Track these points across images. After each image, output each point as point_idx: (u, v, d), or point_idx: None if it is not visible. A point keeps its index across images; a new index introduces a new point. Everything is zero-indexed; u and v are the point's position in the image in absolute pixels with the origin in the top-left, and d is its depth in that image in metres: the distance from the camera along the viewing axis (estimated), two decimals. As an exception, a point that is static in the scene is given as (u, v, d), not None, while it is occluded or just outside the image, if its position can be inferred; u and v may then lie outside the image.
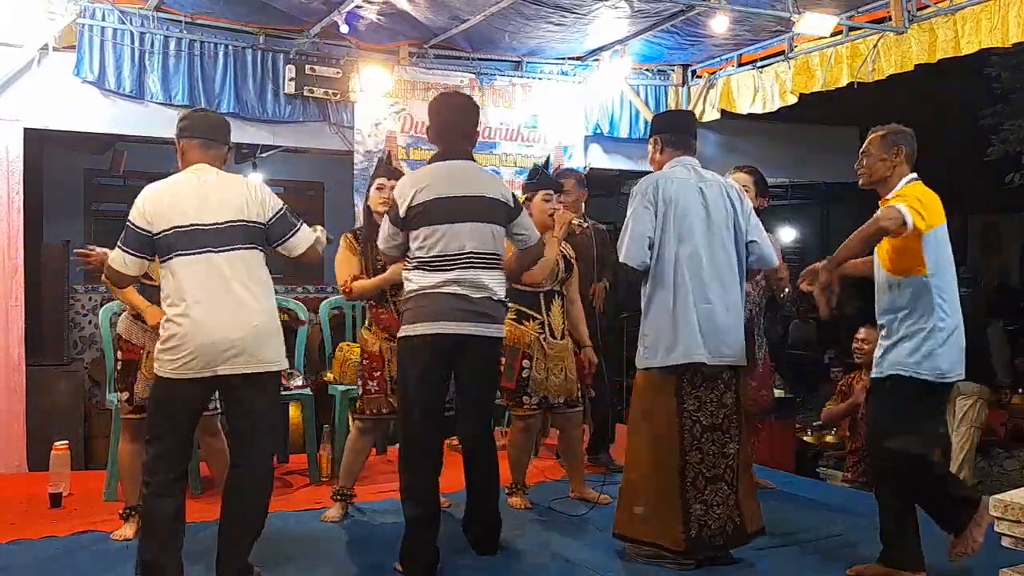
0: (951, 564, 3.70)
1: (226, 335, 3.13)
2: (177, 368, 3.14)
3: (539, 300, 4.38)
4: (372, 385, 4.20)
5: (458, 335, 3.51)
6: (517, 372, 4.32)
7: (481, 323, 3.55)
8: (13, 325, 5.62)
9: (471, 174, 3.66)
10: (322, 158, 8.03)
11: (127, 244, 3.23)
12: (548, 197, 4.42)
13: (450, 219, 3.53)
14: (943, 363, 3.37)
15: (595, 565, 3.73)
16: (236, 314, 3.16)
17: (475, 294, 3.53)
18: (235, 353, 3.15)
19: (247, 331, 3.17)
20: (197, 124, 3.41)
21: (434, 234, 3.52)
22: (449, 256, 3.52)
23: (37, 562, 3.76)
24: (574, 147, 7.24)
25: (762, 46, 6.70)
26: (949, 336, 3.39)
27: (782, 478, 5.25)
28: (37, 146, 6.70)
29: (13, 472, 5.47)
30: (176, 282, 3.17)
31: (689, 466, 3.59)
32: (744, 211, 3.77)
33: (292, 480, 5.20)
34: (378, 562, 3.74)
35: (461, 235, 3.53)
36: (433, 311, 3.51)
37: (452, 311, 3.50)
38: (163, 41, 5.91)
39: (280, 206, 3.35)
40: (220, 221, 3.20)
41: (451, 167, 3.64)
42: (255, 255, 3.27)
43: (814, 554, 3.91)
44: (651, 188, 3.65)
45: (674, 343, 3.59)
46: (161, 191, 3.24)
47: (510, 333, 4.31)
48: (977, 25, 5.18)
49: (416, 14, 5.84)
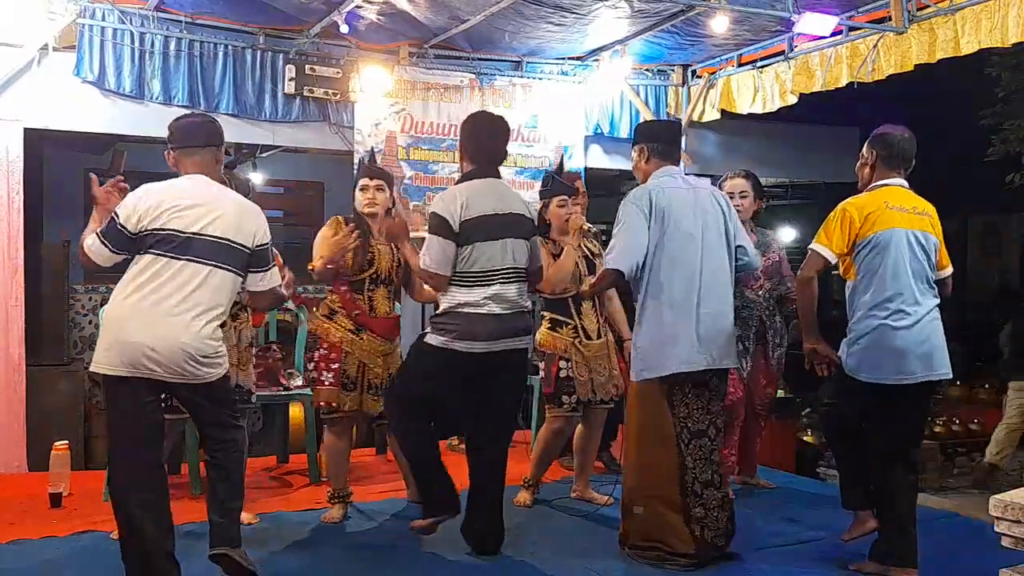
0: (950, 564, 3.71)
1: (144, 342, 3.06)
2: (101, 359, 3.12)
3: (569, 305, 4.43)
4: (328, 376, 4.18)
5: (489, 351, 3.66)
6: (554, 375, 4.38)
7: (511, 338, 3.72)
8: (13, 325, 5.62)
9: (505, 192, 3.84)
10: (322, 158, 8.03)
11: (106, 237, 3.19)
12: (563, 203, 4.45)
13: (493, 236, 3.67)
14: (851, 361, 3.57)
15: (596, 565, 3.73)
16: (166, 326, 3.08)
17: (508, 310, 3.70)
18: (157, 361, 3.07)
19: (170, 346, 3.08)
20: (173, 133, 3.37)
21: (478, 250, 3.64)
22: (489, 272, 3.66)
23: (37, 562, 3.76)
24: (574, 147, 7.23)
25: (762, 46, 6.70)
26: (860, 338, 3.54)
27: (782, 478, 5.25)
28: (37, 146, 6.70)
29: (13, 472, 5.47)
30: (139, 273, 3.13)
31: (687, 471, 3.62)
32: (732, 217, 3.82)
33: (292, 480, 5.21)
34: (378, 562, 3.74)
35: (502, 251, 3.68)
36: (469, 330, 3.63)
37: (488, 331, 3.64)
38: (163, 41, 5.91)
39: (267, 240, 3.34)
40: (207, 234, 3.17)
41: (490, 184, 3.78)
42: (232, 279, 3.23)
43: (814, 554, 3.92)
44: (645, 199, 3.66)
45: (671, 353, 3.60)
46: (157, 192, 3.21)
47: (546, 340, 4.44)
48: (977, 25, 5.18)
49: (416, 14, 5.84)
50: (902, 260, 3.51)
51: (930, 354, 3.54)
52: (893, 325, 3.49)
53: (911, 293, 3.52)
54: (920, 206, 3.62)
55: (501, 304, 3.67)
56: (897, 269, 3.51)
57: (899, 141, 3.63)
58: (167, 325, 3.08)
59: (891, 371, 3.50)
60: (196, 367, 3.12)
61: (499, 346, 3.68)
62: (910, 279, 3.52)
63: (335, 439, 4.27)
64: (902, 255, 3.51)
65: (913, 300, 3.52)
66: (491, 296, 3.65)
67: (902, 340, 3.49)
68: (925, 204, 3.64)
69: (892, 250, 3.51)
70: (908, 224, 3.54)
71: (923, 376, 3.53)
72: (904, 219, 3.54)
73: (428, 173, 6.74)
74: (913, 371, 3.51)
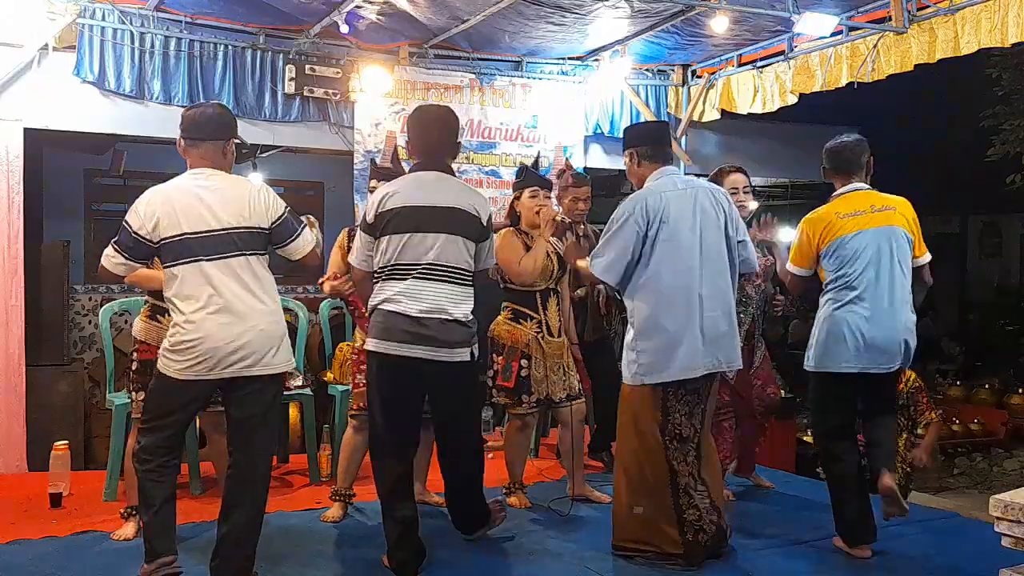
0: (950, 564, 3.71)
1: (233, 341, 3.16)
2: (183, 370, 3.17)
3: (535, 299, 4.37)
4: (360, 379, 4.22)
5: (410, 358, 3.46)
6: (515, 372, 4.32)
7: (430, 347, 3.46)
8: (13, 325, 5.61)
9: (446, 187, 3.60)
10: (322, 158, 8.03)
11: (122, 247, 3.22)
12: (534, 193, 4.39)
13: (412, 228, 3.48)
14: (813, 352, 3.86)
15: (594, 565, 3.73)
16: (243, 319, 3.18)
17: (428, 314, 3.46)
18: (241, 357, 3.17)
19: (253, 335, 3.19)
20: (183, 122, 3.38)
21: (395, 242, 3.48)
22: (401, 266, 3.48)
23: (37, 562, 3.75)
24: (574, 147, 7.24)
25: (762, 46, 6.70)
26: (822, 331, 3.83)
27: (782, 478, 5.24)
28: (37, 146, 6.70)
29: (13, 472, 5.46)
30: (181, 286, 3.18)
31: (678, 475, 3.62)
32: (732, 214, 3.78)
33: (292, 480, 5.20)
34: (378, 562, 3.74)
35: (420, 244, 3.48)
36: (385, 329, 3.48)
37: (401, 332, 3.45)
38: (163, 41, 5.91)
39: (283, 210, 3.35)
40: (222, 228, 3.20)
41: (423, 177, 3.62)
42: (258, 260, 3.28)
43: (814, 554, 3.91)
44: (640, 207, 3.61)
45: (674, 359, 3.57)
46: (162, 197, 3.23)
47: (508, 333, 4.33)
48: (977, 25, 5.19)
49: (416, 14, 5.84)
50: (863, 259, 3.70)
51: (891, 346, 3.71)
52: (852, 317, 3.69)
53: (873, 287, 3.70)
54: (880, 203, 3.78)
55: (417, 305, 3.45)
56: (858, 267, 3.70)
57: (841, 150, 3.86)
58: (246, 319, 3.17)
59: (846, 361, 3.72)
60: (274, 354, 3.24)
61: (417, 352, 3.45)
62: (874, 274, 3.69)
63: (355, 435, 4.26)
64: (864, 255, 3.70)
65: (875, 292, 3.70)
66: (401, 292, 3.46)
67: (859, 331, 3.68)
68: (887, 199, 3.81)
69: (851, 252, 3.71)
70: (864, 225, 3.72)
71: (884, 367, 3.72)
72: (856, 222, 3.72)
73: (428, 173, 6.73)
74: (875, 361, 3.71)
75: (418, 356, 3.46)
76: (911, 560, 3.85)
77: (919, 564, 3.81)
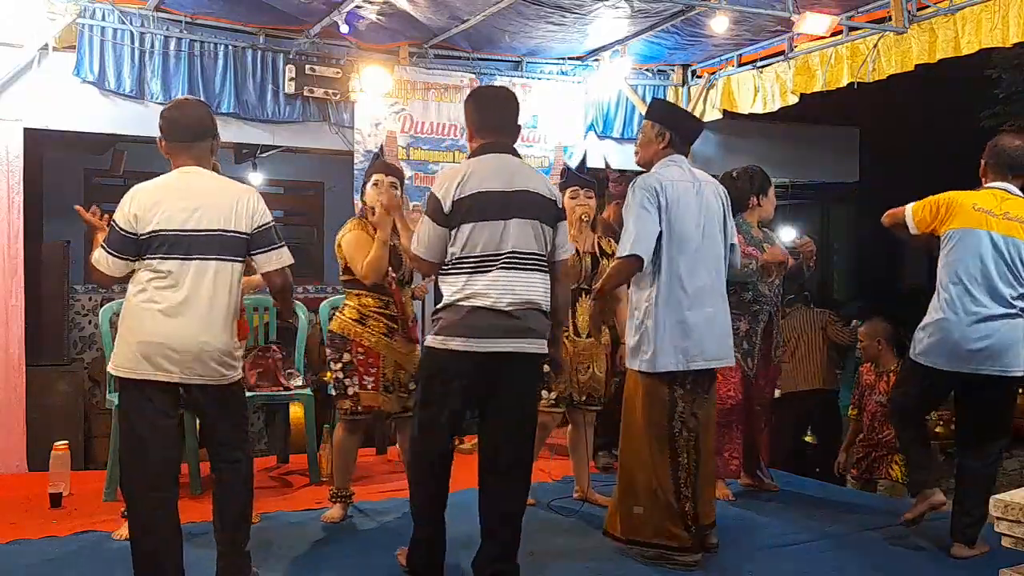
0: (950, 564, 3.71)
1: (169, 342, 3.09)
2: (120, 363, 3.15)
3: None
4: (369, 381, 4.14)
5: (494, 352, 3.21)
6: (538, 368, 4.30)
7: (517, 339, 3.24)
8: (13, 325, 5.61)
9: (518, 169, 3.36)
10: (322, 158, 8.03)
11: (111, 246, 3.18)
12: (574, 194, 4.40)
13: (492, 216, 3.21)
14: (918, 346, 3.87)
15: (596, 565, 3.73)
16: (197, 324, 3.12)
17: (512, 306, 3.21)
18: (177, 360, 3.10)
19: (192, 346, 3.11)
20: (165, 124, 3.28)
21: (475, 231, 3.21)
22: (483, 257, 3.22)
23: (37, 562, 3.75)
24: (574, 147, 7.23)
25: (762, 46, 6.70)
26: (928, 327, 3.86)
27: (782, 478, 5.24)
28: (37, 146, 6.70)
29: (13, 472, 5.46)
30: (154, 280, 3.14)
31: (681, 468, 3.63)
32: (729, 214, 3.83)
33: (292, 480, 5.21)
34: (379, 562, 3.74)
35: (503, 233, 3.22)
36: (465, 325, 3.20)
37: (486, 327, 3.20)
38: (163, 41, 5.90)
39: (268, 221, 3.25)
40: (202, 229, 3.14)
41: (493, 159, 3.32)
42: (233, 267, 3.20)
43: (814, 554, 3.91)
44: (652, 189, 3.61)
45: (674, 350, 3.59)
46: (147, 192, 3.19)
47: None
48: (977, 25, 5.18)
49: (416, 14, 5.84)
50: (976, 259, 3.68)
51: (995, 350, 3.69)
52: (956, 319, 3.69)
53: (981, 291, 3.68)
54: (1015, 211, 3.75)
55: (502, 296, 3.20)
56: (969, 266, 3.69)
57: (1008, 150, 3.86)
58: (185, 324, 3.09)
59: (948, 361, 3.74)
60: (216, 367, 3.14)
61: (503, 346, 3.21)
62: (983, 278, 3.68)
63: (352, 438, 4.25)
64: (977, 254, 3.68)
65: (985, 299, 3.68)
66: (487, 286, 3.20)
67: (962, 333, 3.69)
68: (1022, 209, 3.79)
69: (967, 248, 3.70)
70: (988, 226, 3.70)
71: (984, 370, 3.71)
72: (985, 221, 3.71)
73: (428, 173, 6.73)
74: (974, 364, 3.70)
75: (506, 350, 3.22)
76: (911, 559, 3.85)
77: (919, 564, 3.81)
